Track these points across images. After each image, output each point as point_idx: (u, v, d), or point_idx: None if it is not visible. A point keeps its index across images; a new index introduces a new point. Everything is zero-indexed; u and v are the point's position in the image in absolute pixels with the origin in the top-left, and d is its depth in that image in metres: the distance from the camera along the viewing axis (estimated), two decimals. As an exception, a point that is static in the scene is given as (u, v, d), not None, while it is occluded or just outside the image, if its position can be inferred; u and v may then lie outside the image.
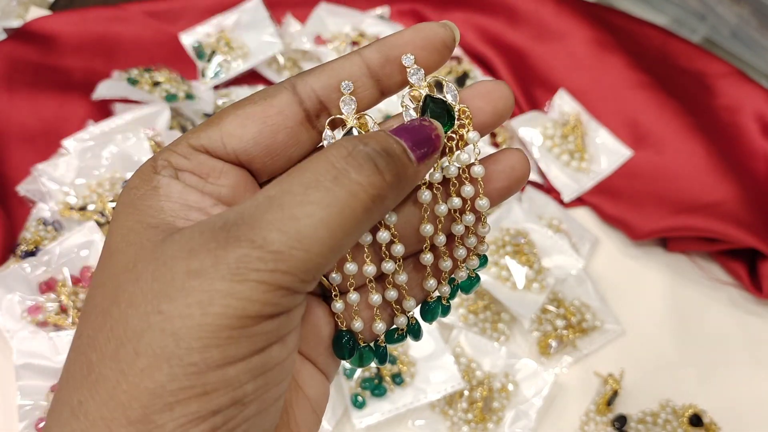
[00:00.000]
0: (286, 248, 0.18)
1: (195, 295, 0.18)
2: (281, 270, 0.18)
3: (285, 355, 0.20)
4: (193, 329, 0.18)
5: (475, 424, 0.52)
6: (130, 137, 0.61)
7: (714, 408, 0.54)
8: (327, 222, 0.19)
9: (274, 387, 0.20)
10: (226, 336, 0.18)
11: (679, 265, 0.63)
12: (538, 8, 0.73)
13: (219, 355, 0.18)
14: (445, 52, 0.23)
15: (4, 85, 0.66)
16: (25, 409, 0.50)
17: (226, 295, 0.18)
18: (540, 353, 0.57)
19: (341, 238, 0.19)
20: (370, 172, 0.20)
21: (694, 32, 0.77)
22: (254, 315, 0.19)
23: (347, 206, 0.19)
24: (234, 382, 0.19)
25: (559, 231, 0.62)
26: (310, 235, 0.19)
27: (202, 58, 0.71)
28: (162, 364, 0.18)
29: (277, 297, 0.19)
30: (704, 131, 0.66)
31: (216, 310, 0.18)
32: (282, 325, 0.20)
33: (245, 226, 0.19)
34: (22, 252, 0.57)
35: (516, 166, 0.24)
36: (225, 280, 0.18)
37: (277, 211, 0.19)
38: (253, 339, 0.19)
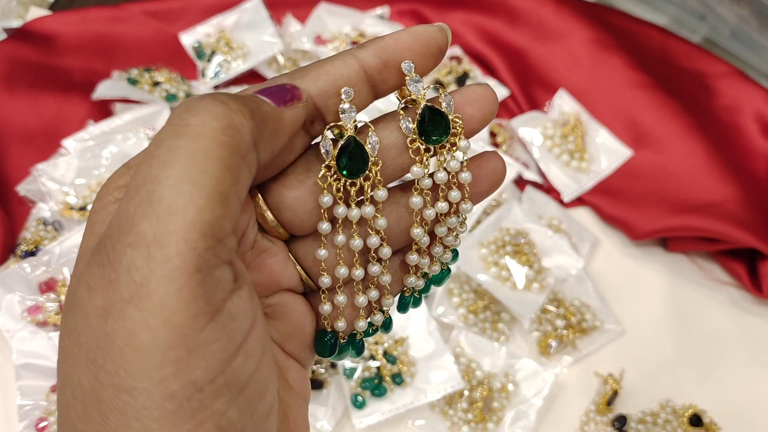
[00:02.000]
0: (161, 231, 0.16)
1: (118, 337, 0.16)
2: (173, 255, 0.16)
3: (253, 365, 0.18)
4: (138, 371, 0.16)
5: (475, 424, 0.52)
6: (130, 137, 0.61)
7: (714, 408, 0.54)
8: (186, 178, 0.17)
9: (258, 403, 0.19)
10: (173, 360, 0.16)
11: (679, 265, 0.63)
12: (538, 8, 0.73)
13: (178, 385, 0.16)
14: (440, 57, 0.23)
15: (4, 85, 0.66)
16: (25, 409, 0.50)
17: (145, 318, 0.16)
18: (540, 353, 0.57)
19: (213, 185, 0.17)
20: (211, 107, 0.18)
21: (694, 32, 0.77)
22: (186, 322, 0.16)
23: (197, 150, 0.17)
24: (213, 412, 0.17)
25: (559, 231, 0.62)
26: (176, 200, 0.17)
27: (202, 58, 0.71)
28: (132, 422, 0.16)
29: (195, 287, 0.17)
30: (704, 131, 0.66)
31: (144, 339, 0.16)
32: (227, 324, 0.18)
33: (117, 231, 0.17)
34: (22, 252, 0.57)
35: (497, 170, 0.25)
36: (131, 303, 0.16)
37: (136, 199, 0.17)
38: (204, 352, 0.17)
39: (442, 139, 0.23)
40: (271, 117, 0.20)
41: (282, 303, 0.25)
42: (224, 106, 0.18)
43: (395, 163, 0.24)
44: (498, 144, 0.68)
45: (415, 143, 0.23)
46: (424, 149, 0.23)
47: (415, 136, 0.23)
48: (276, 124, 0.20)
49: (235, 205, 0.18)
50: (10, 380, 0.52)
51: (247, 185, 0.19)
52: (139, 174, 0.18)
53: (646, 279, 0.62)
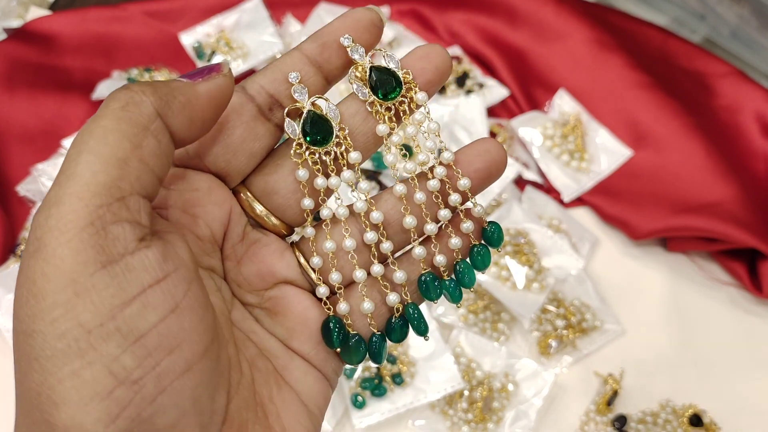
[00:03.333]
0: (60, 192, 0.18)
1: (24, 285, 0.18)
2: (67, 212, 0.18)
3: (154, 318, 0.19)
4: (35, 315, 0.18)
5: (475, 424, 0.52)
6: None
7: (714, 408, 0.54)
8: (86, 148, 0.19)
9: (164, 357, 0.19)
10: (62, 302, 0.18)
11: (679, 265, 0.63)
12: (538, 8, 0.73)
13: (67, 325, 0.17)
14: (375, 31, 0.25)
15: (4, 85, 0.66)
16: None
17: (40, 266, 0.18)
18: (540, 353, 0.57)
19: (109, 152, 0.19)
20: (117, 93, 0.20)
21: (694, 32, 0.77)
22: (74, 265, 0.18)
23: (98, 126, 0.19)
24: (102, 354, 0.17)
25: (559, 231, 0.62)
26: (75, 167, 0.19)
27: (202, 58, 0.71)
28: (32, 363, 0.18)
29: (86, 238, 0.18)
30: (704, 131, 0.66)
31: (38, 285, 0.18)
32: (121, 275, 0.18)
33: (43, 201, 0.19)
34: (23, 252, 0.57)
35: (491, 149, 0.25)
36: (32, 256, 0.18)
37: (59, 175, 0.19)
38: (93, 296, 0.18)
39: (395, 94, 0.25)
40: (181, 90, 0.22)
41: (283, 296, 0.25)
42: (127, 90, 0.20)
43: (364, 128, 0.25)
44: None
45: (374, 105, 0.25)
46: (384, 108, 0.25)
47: (372, 98, 0.25)
48: (187, 95, 0.22)
49: (136, 169, 0.19)
50: (10, 380, 0.52)
51: (156, 151, 0.20)
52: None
53: (646, 279, 0.62)
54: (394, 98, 0.25)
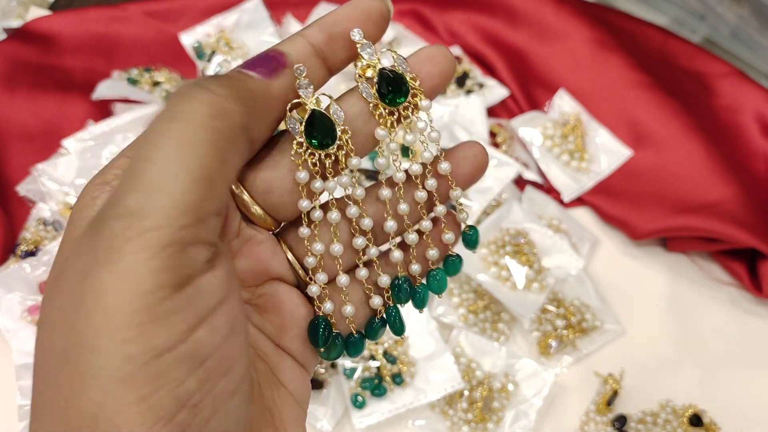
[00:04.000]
0: (144, 204, 0.17)
1: (89, 297, 0.17)
2: (150, 227, 0.17)
3: (217, 340, 0.18)
4: (102, 331, 0.17)
5: (475, 424, 0.52)
6: (130, 137, 0.61)
7: (714, 408, 0.54)
8: (174, 159, 0.17)
9: (221, 379, 0.19)
10: (136, 324, 0.17)
11: (679, 265, 0.63)
12: (538, 8, 0.73)
13: (138, 349, 0.17)
14: (382, 24, 0.24)
15: (4, 85, 0.66)
16: (25, 409, 0.50)
17: (114, 281, 0.17)
18: (540, 353, 0.57)
19: (199, 167, 0.18)
20: (200, 94, 0.19)
21: (694, 32, 0.77)
22: (152, 289, 0.17)
23: (187, 136, 0.18)
24: (170, 379, 0.17)
25: (559, 231, 0.62)
26: (163, 178, 0.17)
27: (202, 58, 0.71)
28: (91, 382, 0.17)
29: (166, 259, 0.17)
30: (704, 131, 0.66)
31: (110, 300, 0.17)
32: (193, 298, 0.18)
33: (107, 206, 0.18)
34: (22, 252, 0.57)
35: (477, 155, 0.25)
36: (104, 266, 0.17)
37: (128, 177, 0.18)
38: (167, 321, 0.17)
39: (402, 100, 0.24)
40: (260, 94, 0.21)
41: (273, 293, 0.25)
42: (209, 92, 0.19)
43: (364, 130, 0.24)
44: (498, 144, 0.68)
45: (378, 108, 0.24)
46: (388, 113, 0.24)
47: (377, 101, 0.24)
48: (266, 99, 0.21)
49: (221, 188, 0.19)
50: (10, 380, 0.52)
51: (237, 168, 0.20)
52: (133, 155, 0.19)
53: (646, 279, 0.62)
54: (399, 104, 0.24)
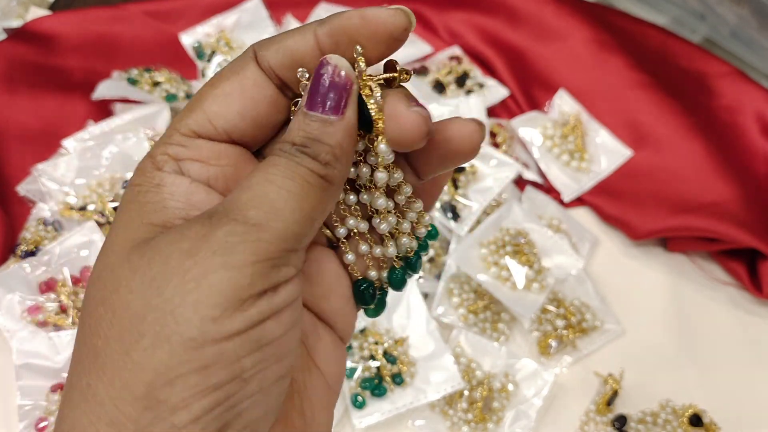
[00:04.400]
0: (264, 221, 0.20)
1: (191, 273, 0.19)
2: (264, 239, 0.20)
3: (280, 332, 0.21)
4: (191, 306, 0.19)
5: (475, 424, 0.52)
6: (130, 137, 0.61)
7: (714, 408, 0.54)
8: (294, 195, 0.21)
9: (274, 364, 0.21)
10: (221, 310, 0.19)
11: (679, 265, 0.63)
12: (538, 8, 0.73)
13: (215, 329, 0.19)
14: (392, 43, 0.22)
15: (4, 85, 0.66)
16: (25, 409, 0.50)
17: (219, 269, 0.19)
18: (540, 353, 0.57)
19: (309, 209, 0.21)
20: (313, 166, 0.21)
21: (694, 32, 0.77)
22: (246, 286, 0.20)
23: (305, 183, 0.21)
24: (231, 356, 0.19)
25: (559, 231, 0.62)
26: (282, 208, 0.21)
27: (202, 58, 0.71)
28: (163, 342, 0.19)
29: (266, 268, 0.20)
30: (704, 131, 0.66)
31: (211, 284, 0.19)
32: (273, 299, 0.20)
33: (226, 210, 0.21)
34: (22, 252, 0.57)
35: (473, 134, 0.24)
36: (216, 255, 0.19)
37: (250, 193, 0.21)
38: (247, 313, 0.20)
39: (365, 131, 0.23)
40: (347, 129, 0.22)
41: (315, 258, 0.26)
42: (315, 162, 0.21)
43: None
44: (498, 144, 0.68)
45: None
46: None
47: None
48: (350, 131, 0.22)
49: (316, 227, 0.22)
50: (10, 380, 0.52)
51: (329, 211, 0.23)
52: (257, 175, 0.22)
53: (646, 279, 0.62)
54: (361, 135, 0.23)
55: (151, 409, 0.19)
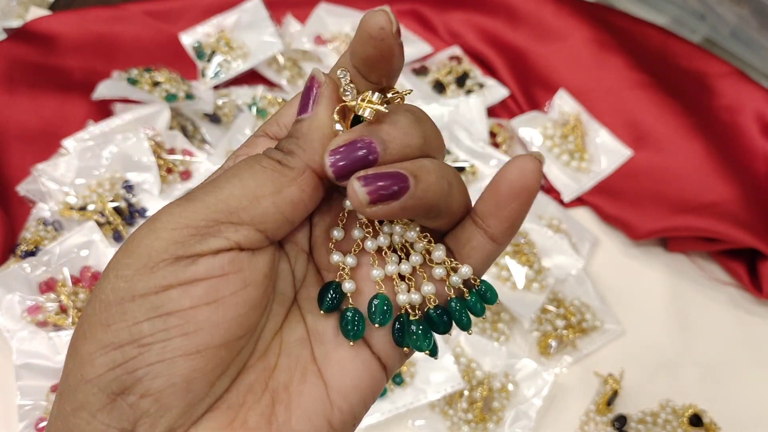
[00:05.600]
0: (199, 195, 0.22)
1: (126, 242, 0.22)
2: (189, 209, 0.21)
3: (187, 304, 0.21)
4: (111, 268, 0.21)
5: (475, 424, 0.52)
6: (130, 137, 0.61)
7: (714, 408, 0.54)
8: (237, 176, 0.22)
9: (178, 337, 0.21)
10: (132, 271, 0.21)
11: (679, 265, 0.63)
12: (538, 8, 0.73)
13: (124, 287, 0.21)
14: (376, 44, 0.22)
15: (4, 85, 0.66)
16: (25, 409, 0.50)
17: (144, 235, 0.21)
18: (540, 353, 0.57)
19: (254, 186, 0.22)
20: (273, 154, 0.23)
21: (694, 32, 0.77)
22: (159, 250, 0.21)
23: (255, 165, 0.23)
24: (130, 318, 0.21)
25: (559, 231, 0.62)
26: (221, 186, 0.22)
27: (202, 58, 0.71)
28: (93, 300, 0.21)
29: (184, 235, 0.21)
30: (704, 131, 0.66)
31: (128, 248, 0.21)
32: (186, 269, 0.21)
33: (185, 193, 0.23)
34: (22, 252, 0.57)
35: (524, 169, 0.23)
36: (147, 224, 0.22)
37: (207, 181, 0.23)
38: (153, 276, 0.21)
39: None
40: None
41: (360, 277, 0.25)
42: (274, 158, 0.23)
43: None
44: (498, 144, 0.68)
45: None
46: None
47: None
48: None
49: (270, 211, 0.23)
50: (10, 380, 0.52)
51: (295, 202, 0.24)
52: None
53: (646, 279, 0.62)
54: None
55: (72, 358, 0.21)
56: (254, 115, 0.67)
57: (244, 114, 0.67)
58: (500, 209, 0.24)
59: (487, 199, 0.24)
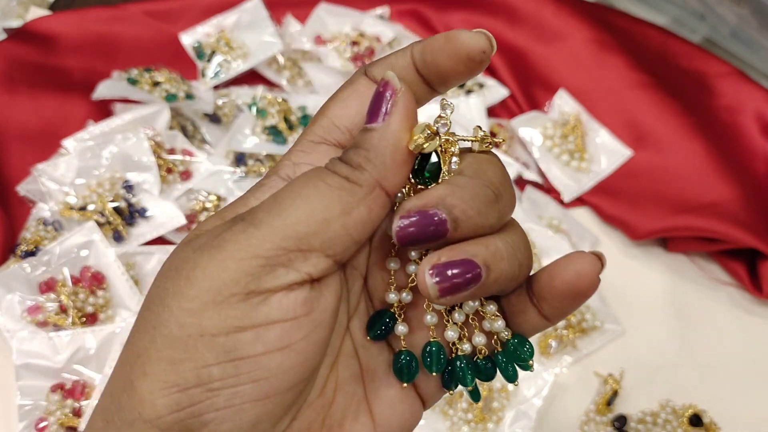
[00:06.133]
0: (265, 219, 0.20)
1: (187, 266, 0.20)
2: (257, 236, 0.20)
3: (260, 349, 0.20)
4: (174, 297, 0.20)
5: (475, 424, 0.52)
6: (130, 137, 0.61)
7: (714, 408, 0.54)
8: (304, 196, 0.21)
9: (248, 383, 0.20)
10: (200, 303, 0.19)
11: (679, 265, 0.63)
12: (538, 8, 0.73)
13: (191, 322, 0.19)
14: (471, 65, 0.22)
15: (4, 85, 0.66)
16: (25, 409, 0.50)
17: (208, 263, 0.20)
18: (540, 353, 0.57)
19: (322, 208, 0.20)
20: (339, 169, 0.21)
21: (694, 32, 0.77)
22: (228, 282, 0.19)
23: (322, 184, 0.21)
24: (199, 359, 0.19)
25: (559, 231, 0.62)
26: (287, 207, 0.20)
27: (202, 58, 0.71)
28: (150, 329, 0.20)
29: (254, 266, 0.20)
30: (704, 131, 0.66)
31: (192, 276, 0.20)
32: (258, 308, 0.20)
33: (247, 213, 0.21)
34: (22, 252, 0.57)
35: (581, 271, 0.23)
36: (211, 251, 0.20)
37: (270, 199, 0.21)
38: (222, 314, 0.19)
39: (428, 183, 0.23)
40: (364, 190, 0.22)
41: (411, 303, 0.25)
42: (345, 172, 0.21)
43: None
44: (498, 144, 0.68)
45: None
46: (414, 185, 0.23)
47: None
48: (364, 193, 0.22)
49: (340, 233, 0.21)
50: (10, 380, 0.52)
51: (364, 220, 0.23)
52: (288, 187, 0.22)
53: (646, 279, 0.62)
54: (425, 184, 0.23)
55: (127, 393, 0.20)
56: (254, 115, 0.67)
57: (244, 114, 0.67)
58: (554, 300, 0.23)
59: (543, 285, 0.23)
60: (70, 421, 0.49)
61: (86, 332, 0.51)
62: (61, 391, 0.50)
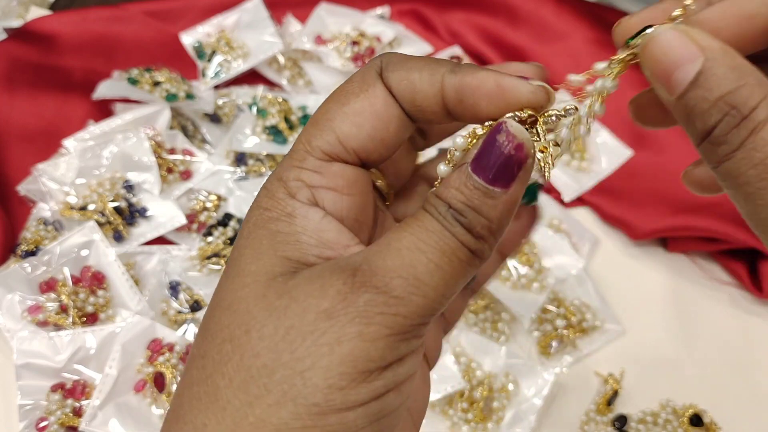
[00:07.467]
0: (406, 294, 0.20)
1: (325, 336, 0.19)
2: (402, 314, 0.20)
3: (399, 403, 0.21)
4: (321, 371, 0.19)
5: (475, 423, 0.52)
6: (130, 137, 0.61)
7: (714, 408, 0.54)
8: (441, 270, 0.20)
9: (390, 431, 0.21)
10: (349, 380, 0.19)
11: (679, 265, 0.63)
12: (538, 8, 0.73)
13: (341, 398, 0.19)
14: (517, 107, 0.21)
15: (4, 85, 0.66)
16: (25, 409, 0.50)
17: (354, 338, 0.19)
18: (540, 353, 0.57)
19: (453, 284, 0.20)
20: (465, 239, 0.20)
21: (694, 32, 0.77)
22: (376, 358, 0.19)
23: (454, 258, 0.20)
24: (351, 427, 0.19)
25: (559, 231, 0.62)
26: (427, 282, 0.20)
27: (202, 58, 0.71)
28: (288, 402, 0.19)
29: (397, 341, 0.20)
30: (704, 131, 0.66)
31: (343, 352, 0.19)
32: (399, 372, 0.20)
33: (370, 271, 0.20)
34: (23, 252, 0.57)
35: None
36: (354, 323, 0.19)
37: (399, 260, 0.20)
38: (372, 385, 0.20)
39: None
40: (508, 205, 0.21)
41: None
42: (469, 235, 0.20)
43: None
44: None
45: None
46: None
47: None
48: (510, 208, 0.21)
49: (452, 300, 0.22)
50: (10, 380, 0.52)
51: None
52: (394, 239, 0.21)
53: (646, 279, 0.62)
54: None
55: None
56: (254, 114, 0.67)
57: (244, 114, 0.67)
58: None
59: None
60: (71, 421, 0.49)
61: (87, 332, 0.52)
62: (62, 390, 0.50)
